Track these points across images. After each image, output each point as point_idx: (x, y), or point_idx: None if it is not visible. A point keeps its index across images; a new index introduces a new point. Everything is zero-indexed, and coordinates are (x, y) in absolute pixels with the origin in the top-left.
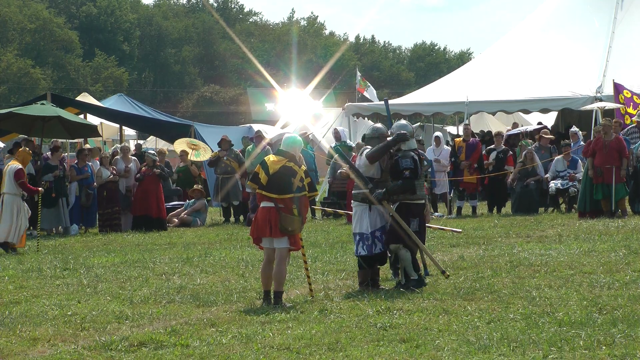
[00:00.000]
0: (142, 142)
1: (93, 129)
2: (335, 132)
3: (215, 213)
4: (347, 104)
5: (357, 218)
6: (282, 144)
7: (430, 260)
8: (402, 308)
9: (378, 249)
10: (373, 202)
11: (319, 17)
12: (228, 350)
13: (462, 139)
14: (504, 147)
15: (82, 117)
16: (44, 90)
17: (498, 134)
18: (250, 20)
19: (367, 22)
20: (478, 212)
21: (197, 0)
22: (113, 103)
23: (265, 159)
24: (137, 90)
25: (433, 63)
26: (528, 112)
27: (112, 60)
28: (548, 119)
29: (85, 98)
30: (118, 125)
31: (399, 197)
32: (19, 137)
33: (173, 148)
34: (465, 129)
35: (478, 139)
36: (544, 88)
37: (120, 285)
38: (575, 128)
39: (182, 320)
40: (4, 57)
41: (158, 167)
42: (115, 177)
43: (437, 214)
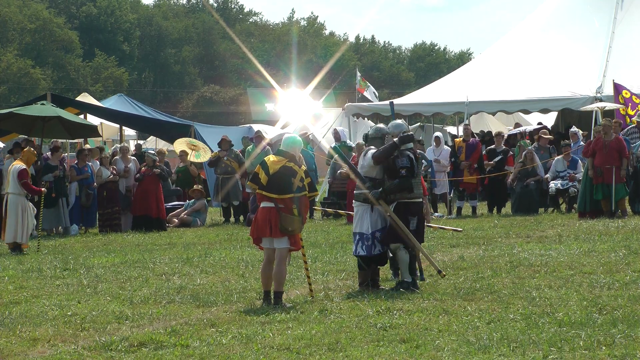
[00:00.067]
0: (142, 142)
1: (93, 129)
2: (335, 132)
3: (215, 213)
4: (347, 104)
5: (358, 218)
6: (282, 144)
7: (427, 260)
8: (402, 308)
9: (377, 250)
10: (373, 202)
11: (319, 17)
12: (228, 351)
13: (462, 139)
14: (504, 147)
15: (82, 117)
16: (44, 91)
17: (498, 134)
18: (250, 21)
19: (367, 22)
20: (478, 212)
21: (197, 1)
22: (113, 103)
23: (265, 159)
24: (137, 91)
25: (433, 63)
26: (528, 112)
27: (112, 61)
28: (548, 119)
29: (85, 98)
30: (118, 126)
31: (396, 196)
32: (19, 137)
33: (173, 148)
34: (465, 129)
35: (478, 139)
36: (544, 88)
37: (120, 286)
38: (575, 128)
39: (182, 321)
40: (4, 57)
41: (158, 167)
42: (115, 177)
43: (437, 214)
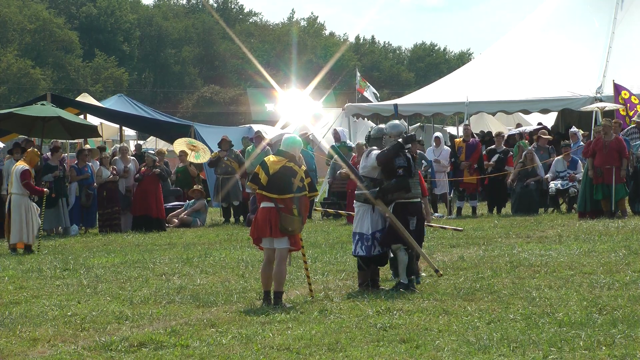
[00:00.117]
0: (142, 142)
1: (93, 129)
2: (335, 132)
3: (215, 213)
4: (347, 105)
5: (358, 218)
6: (282, 145)
7: (424, 259)
8: (402, 308)
9: (377, 251)
10: (373, 202)
11: (319, 17)
12: (228, 351)
13: (462, 140)
14: (505, 147)
15: (82, 117)
16: (44, 91)
17: (499, 135)
18: (250, 21)
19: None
20: (478, 212)
21: (197, 1)
22: (113, 103)
23: (265, 160)
24: (137, 91)
25: (433, 63)
26: (528, 112)
27: (112, 61)
28: (548, 120)
29: (85, 98)
30: (118, 126)
31: (393, 195)
32: (19, 137)
33: (173, 148)
34: (465, 130)
35: (478, 140)
36: (544, 88)
37: (120, 286)
38: (575, 128)
39: (182, 321)
40: (4, 57)
41: (158, 167)
42: (115, 177)
43: (437, 215)
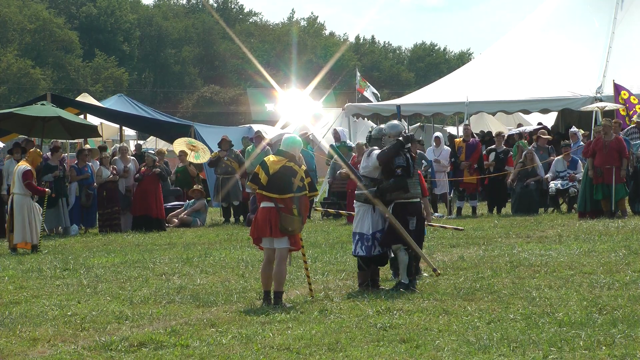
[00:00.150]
0: (142, 142)
1: (93, 129)
2: (335, 132)
3: (215, 213)
4: (347, 105)
5: (359, 218)
6: (282, 144)
7: (422, 258)
8: (402, 308)
9: (377, 251)
10: (374, 202)
11: (319, 17)
12: (228, 351)
13: (462, 139)
14: (504, 147)
15: (82, 117)
16: (44, 91)
17: (499, 135)
18: (250, 21)
19: (367, 22)
20: (478, 212)
21: (197, 1)
22: (113, 103)
23: (265, 159)
24: (137, 91)
25: (433, 63)
26: (528, 112)
27: (112, 61)
28: (548, 120)
29: (85, 98)
30: (118, 126)
31: (392, 195)
32: (19, 137)
33: (172, 148)
34: (465, 130)
35: (478, 139)
36: (544, 88)
37: (120, 286)
38: (575, 128)
39: (182, 321)
40: (4, 57)
41: (158, 167)
42: (115, 177)
43: (437, 214)
